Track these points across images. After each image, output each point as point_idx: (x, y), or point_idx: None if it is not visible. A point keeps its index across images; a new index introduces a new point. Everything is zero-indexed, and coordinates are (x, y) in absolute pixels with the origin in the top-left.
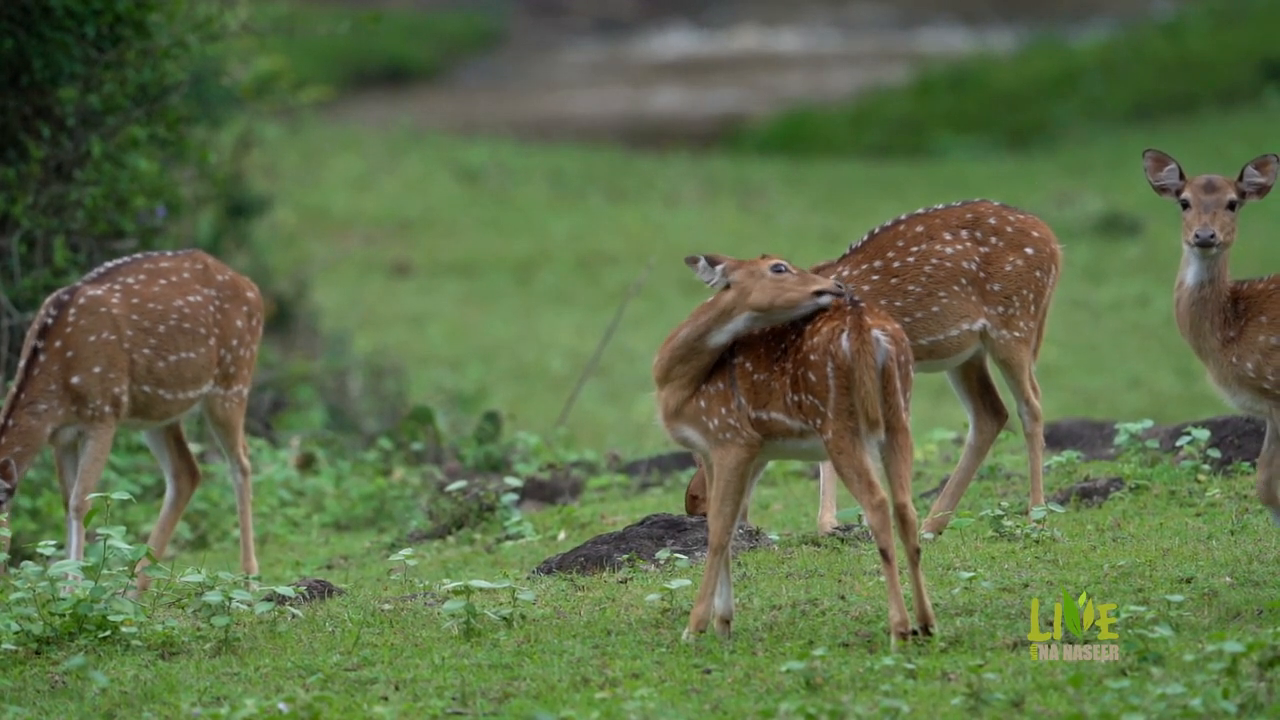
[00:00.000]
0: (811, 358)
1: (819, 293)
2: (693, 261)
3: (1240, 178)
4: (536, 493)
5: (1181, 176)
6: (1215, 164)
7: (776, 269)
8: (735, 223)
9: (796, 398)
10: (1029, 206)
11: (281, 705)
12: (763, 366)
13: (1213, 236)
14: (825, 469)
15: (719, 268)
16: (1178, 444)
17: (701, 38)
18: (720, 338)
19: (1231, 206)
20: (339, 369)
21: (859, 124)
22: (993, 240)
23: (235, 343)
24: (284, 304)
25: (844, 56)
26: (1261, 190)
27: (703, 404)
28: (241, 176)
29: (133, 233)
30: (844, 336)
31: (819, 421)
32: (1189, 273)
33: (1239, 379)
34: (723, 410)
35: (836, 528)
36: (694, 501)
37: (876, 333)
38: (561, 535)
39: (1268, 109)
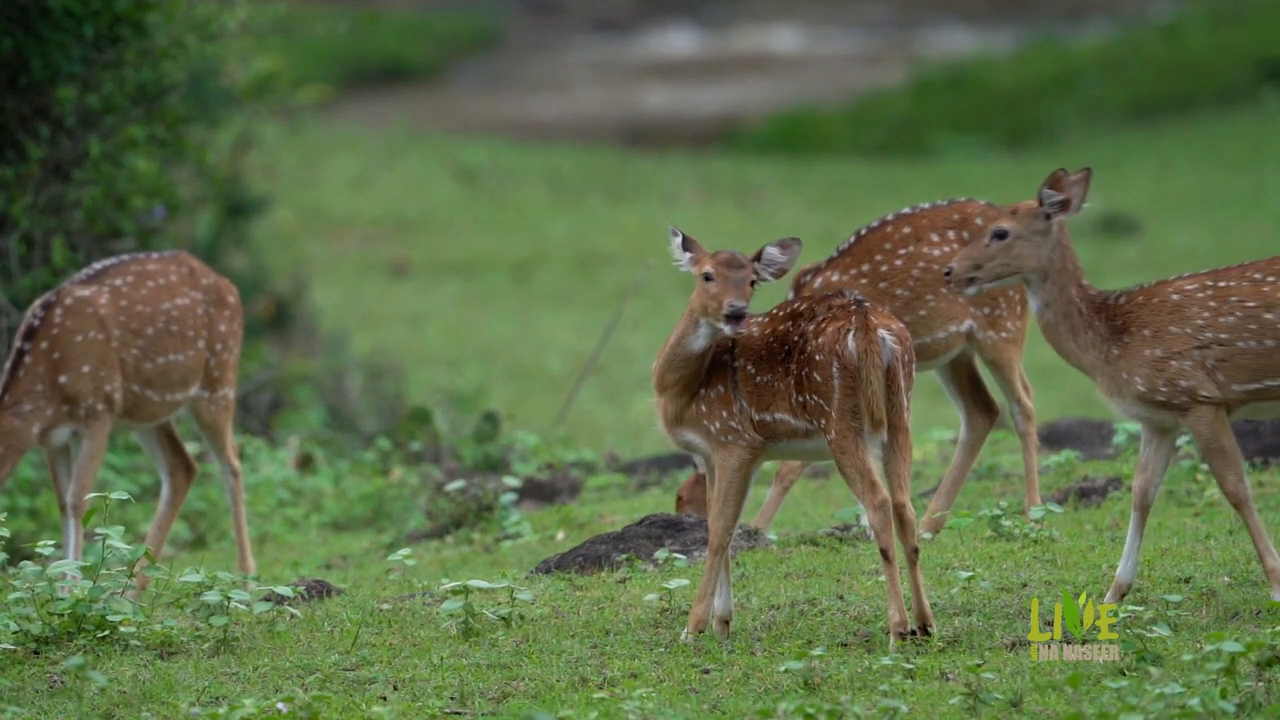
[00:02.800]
0: (817, 358)
1: (729, 316)
2: (674, 233)
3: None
4: (535, 492)
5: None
6: (1213, 163)
7: (706, 276)
8: (734, 222)
9: (801, 398)
10: None
11: (280, 705)
12: (765, 369)
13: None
14: None
15: (687, 256)
16: (1175, 444)
17: (700, 37)
18: (698, 343)
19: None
20: (337, 369)
21: (857, 124)
22: None
23: (219, 346)
24: (282, 304)
25: (842, 56)
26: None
27: (703, 408)
28: (240, 176)
29: (131, 233)
30: (850, 337)
31: (823, 421)
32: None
33: (1134, 395)
34: (724, 413)
35: (836, 528)
36: (679, 502)
37: (882, 332)
38: (560, 535)
39: (1266, 109)
